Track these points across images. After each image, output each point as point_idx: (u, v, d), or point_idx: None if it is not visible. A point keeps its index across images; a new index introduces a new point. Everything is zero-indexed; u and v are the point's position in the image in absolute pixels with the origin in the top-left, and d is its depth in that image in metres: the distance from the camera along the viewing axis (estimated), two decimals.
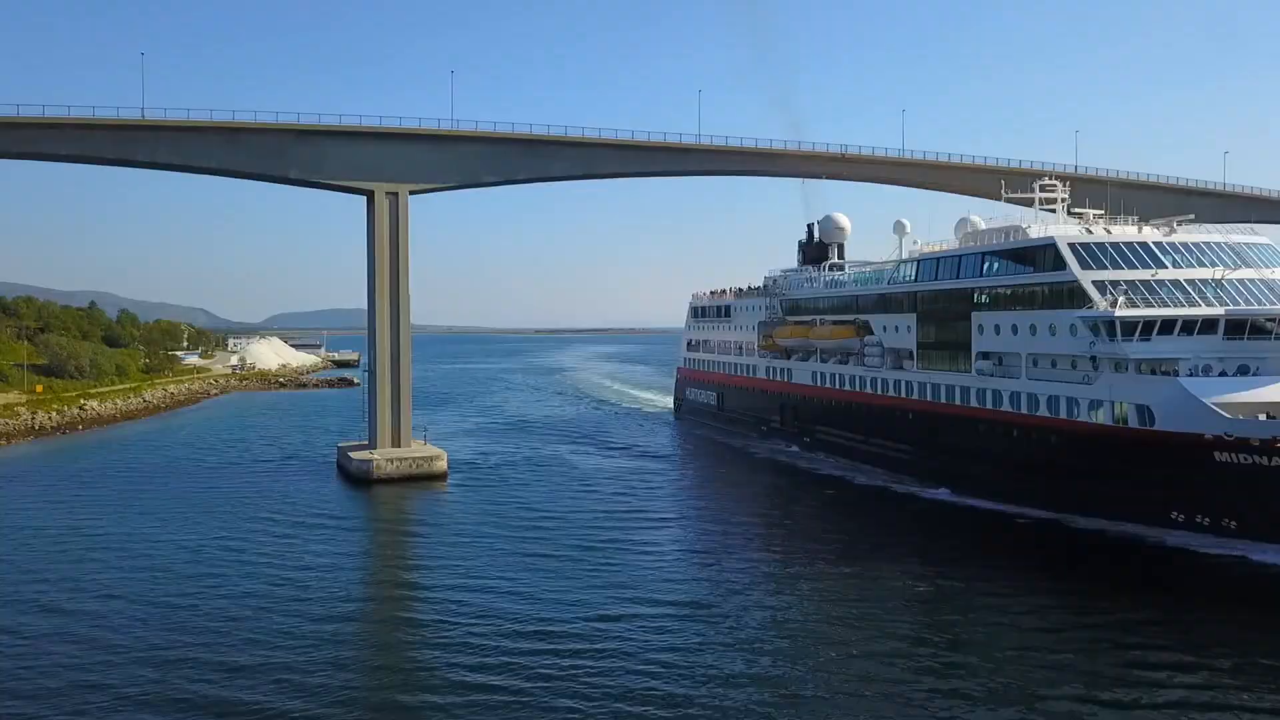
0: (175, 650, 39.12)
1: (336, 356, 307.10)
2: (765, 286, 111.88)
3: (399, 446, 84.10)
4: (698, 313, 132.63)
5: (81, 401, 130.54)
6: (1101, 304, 61.76)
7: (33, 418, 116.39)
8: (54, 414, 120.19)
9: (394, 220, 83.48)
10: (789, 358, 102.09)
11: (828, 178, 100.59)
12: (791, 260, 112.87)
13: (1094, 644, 40.07)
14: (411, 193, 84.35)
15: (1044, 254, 67.39)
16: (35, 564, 53.38)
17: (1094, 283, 63.24)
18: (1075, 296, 63.86)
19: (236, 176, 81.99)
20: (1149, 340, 59.76)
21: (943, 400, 76.26)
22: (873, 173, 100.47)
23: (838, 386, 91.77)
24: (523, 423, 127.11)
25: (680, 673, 36.82)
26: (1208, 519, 57.52)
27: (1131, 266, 63.96)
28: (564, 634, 41.25)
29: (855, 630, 41.77)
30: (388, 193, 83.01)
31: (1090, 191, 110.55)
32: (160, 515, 66.14)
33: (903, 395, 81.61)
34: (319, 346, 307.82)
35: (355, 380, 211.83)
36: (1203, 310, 60.49)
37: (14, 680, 36.11)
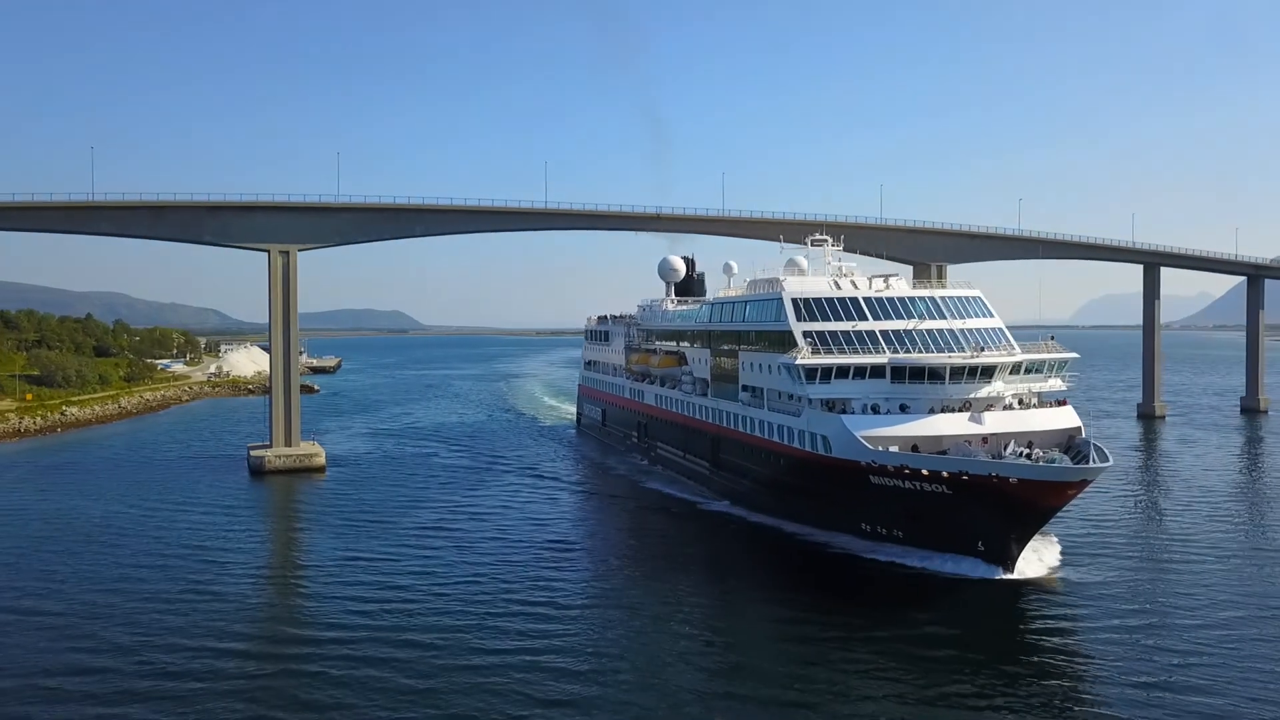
0: (61, 585, 63.45)
1: (315, 362, 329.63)
2: (633, 315, 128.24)
3: (289, 446, 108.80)
4: (589, 335, 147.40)
5: (63, 408, 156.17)
6: (802, 351, 71.22)
7: (19, 422, 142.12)
8: (38, 419, 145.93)
9: (285, 272, 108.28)
10: (642, 381, 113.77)
11: (647, 230, 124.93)
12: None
13: (789, 637, 49.90)
14: (300, 250, 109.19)
15: (775, 306, 77.90)
16: None
17: (804, 333, 73.03)
18: (791, 343, 73.34)
19: (161, 240, 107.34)
20: (829, 383, 68.90)
21: (724, 425, 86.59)
22: (684, 227, 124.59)
23: (667, 409, 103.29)
24: (418, 429, 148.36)
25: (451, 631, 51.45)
26: (884, 530, 66.84)
27: (838, 319, 73.88)
28: (371, 579, 64.73)
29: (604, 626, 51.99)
30: (280, 251, 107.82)
31: (884, 237, 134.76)
32: (93, 495, 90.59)
33: (702, 419, 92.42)
34: (301, 353, 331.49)
35: (315, 388, 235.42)
36: (871, 358, 69.37)
37: None
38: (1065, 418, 69.04)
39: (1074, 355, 73.26)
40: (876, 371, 68.81)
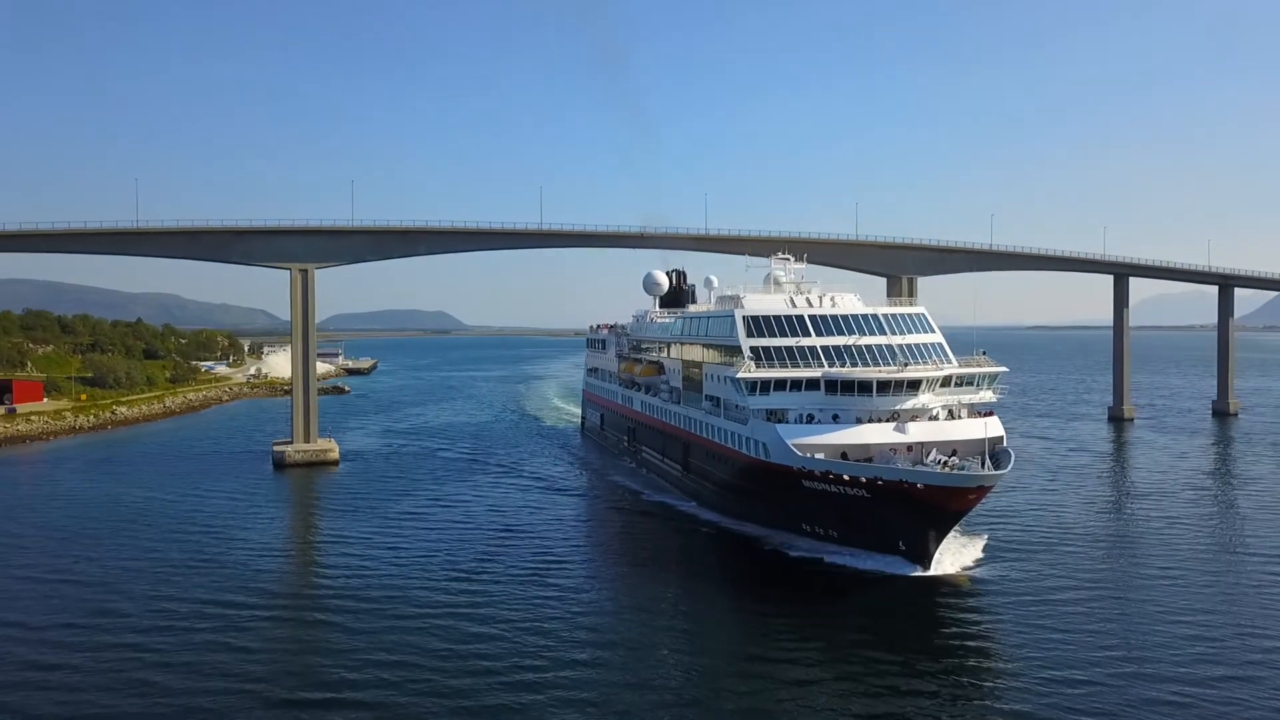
0: (103, 551, 77.25)
1: (351, 364, 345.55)
2: (624, 326, 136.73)
3: (308, 442, 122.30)
4: (589, 343, 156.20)
5: (114, 408, 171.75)
6: (747, 365, 76.57)
7: (75, 420, 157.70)
8: (91, 417, 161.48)
9: (305, 288, 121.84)
10: (631, 388, 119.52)
11: (632, 247, 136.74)
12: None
13: (722, 629, 56.30)
14: (317, 269, 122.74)
15: (730, 322, 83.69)
16: (39, 508, 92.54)
17: (751, 348, 78.39)
18: (741, 357, 78.97)
19: (196, 260, 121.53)
20: (768, 394, 74.33)
21: (692, 431, 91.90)
22: (665, 244, 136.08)
23: (649, 415, 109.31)
24: (428, 429, 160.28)
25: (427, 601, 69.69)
26: (820, 529, 71.70)
27: (784, 335, 79.39)
28: (356, 555, 78.32)
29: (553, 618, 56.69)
30: (299, 269, 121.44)
31: (859, 253, 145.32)
32: (136, 484, 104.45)
33: (675, 425, 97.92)
34: (336, 356, 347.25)
35: (346, 389, 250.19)
36: (806, 372, 74.65)
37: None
38: (989, 427, 73.37)
39: (1003, 369, 78.65)
40: (812, 384, 74.09)
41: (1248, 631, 54.48)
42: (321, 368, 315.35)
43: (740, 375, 75.12)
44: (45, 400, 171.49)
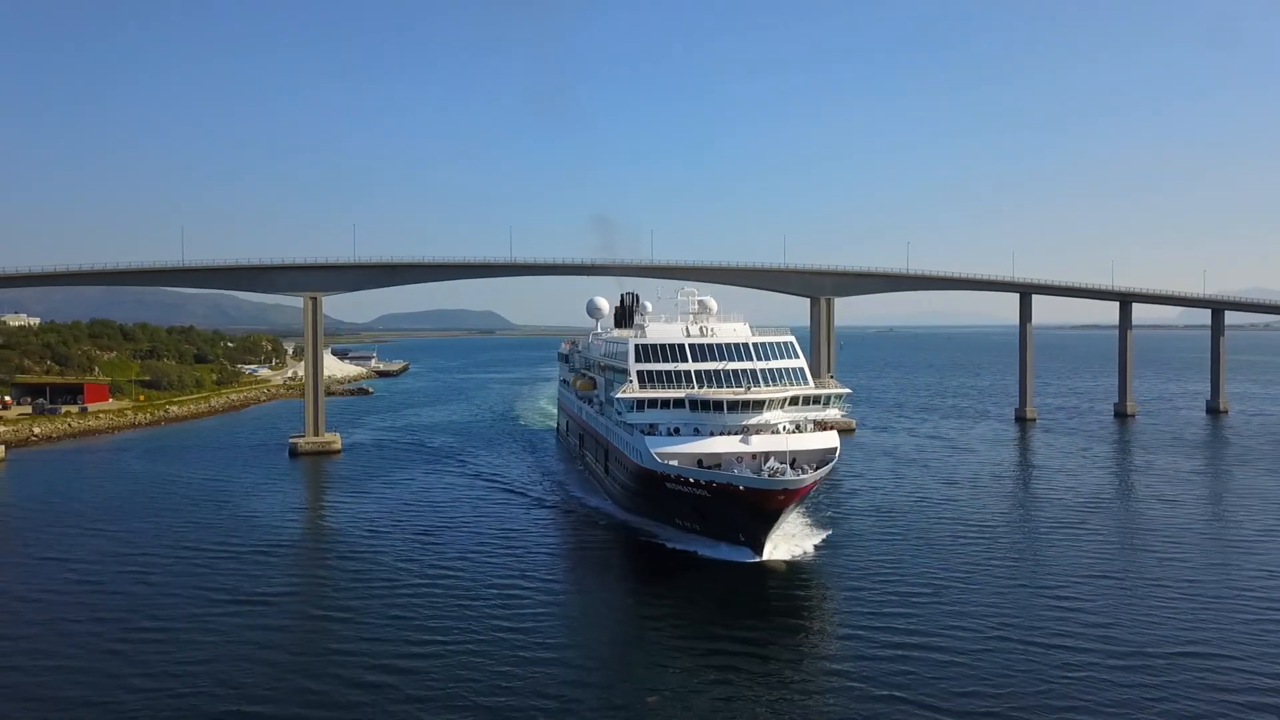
0: (138, 518, 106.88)
1: (382, 366, 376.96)
2: (579, 344, 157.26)
3: (316, 436, 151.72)
4: (559, 357, 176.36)
5: (167, 407, 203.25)
6: (630, 386, 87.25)
7: (134, 417, 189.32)
8: (147, 415, 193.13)
9: (314, 312, 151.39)
10: (580, 399, 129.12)
11: (586, 275, 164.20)
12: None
13: (596, 604, 67.22)
14: (325, 296, 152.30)
15: (625, 349, 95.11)
16: (105, 485, 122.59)
17: (638, 371, 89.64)
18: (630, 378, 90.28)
19: (228, 289, 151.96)
20: (644, 411, 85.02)
21: (609, 440, 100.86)
22: (612, 272, 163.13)
23: (589, 424, 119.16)
24: (422, 427, 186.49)
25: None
26: (686, 524, 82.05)
27: (667, 360, 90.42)
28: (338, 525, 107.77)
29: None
30: (310, 296, 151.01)
31: (784, 278, 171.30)
32: (180, 467, 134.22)
33: (601, 433, 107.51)
34: (370, 359, 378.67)
35: (370, 390, 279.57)
36: (673, 393, 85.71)
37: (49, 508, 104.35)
38: (826, 440, 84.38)
39: (848, 390, 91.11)
40: (679, 403, 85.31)
41: (1037, 610, 65.03)
42: (353, 370, 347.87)
43: (620, 395, 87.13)
44: (110, 400, 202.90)
